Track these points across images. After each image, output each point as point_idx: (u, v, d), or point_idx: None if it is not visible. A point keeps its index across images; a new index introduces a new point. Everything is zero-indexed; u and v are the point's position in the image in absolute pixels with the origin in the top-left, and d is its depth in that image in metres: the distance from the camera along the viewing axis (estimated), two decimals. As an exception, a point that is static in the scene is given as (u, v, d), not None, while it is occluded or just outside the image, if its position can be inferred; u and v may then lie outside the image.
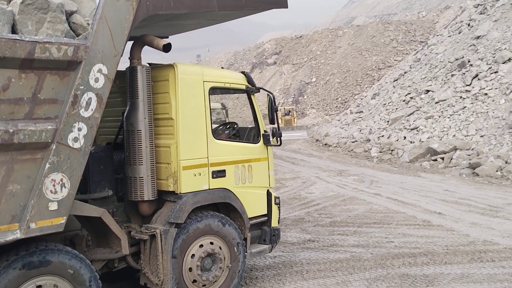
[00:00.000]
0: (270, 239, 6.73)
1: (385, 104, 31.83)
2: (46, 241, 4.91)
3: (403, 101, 28.78)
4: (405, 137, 23.33)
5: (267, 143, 6.77)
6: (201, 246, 5.87)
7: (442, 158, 18.76)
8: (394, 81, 36.22)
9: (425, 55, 35.32)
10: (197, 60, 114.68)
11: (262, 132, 6.76)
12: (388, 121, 27.52)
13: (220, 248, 6.01)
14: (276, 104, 6.63)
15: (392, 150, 22.54)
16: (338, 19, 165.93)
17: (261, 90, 6.91)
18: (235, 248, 6.15)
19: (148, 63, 6.03)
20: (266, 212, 6.73)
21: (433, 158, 19.23)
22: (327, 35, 73.97)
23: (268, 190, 6.80)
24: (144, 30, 6.84)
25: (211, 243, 5.94)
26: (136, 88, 5.59)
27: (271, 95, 6.65)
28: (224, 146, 6.33)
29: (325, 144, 30.75)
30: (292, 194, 14.35)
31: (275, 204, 6.80)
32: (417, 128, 23.39)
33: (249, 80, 6.69)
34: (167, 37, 7.94)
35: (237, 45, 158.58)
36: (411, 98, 28.03)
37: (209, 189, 6.02)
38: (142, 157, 5.55)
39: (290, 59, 73.60)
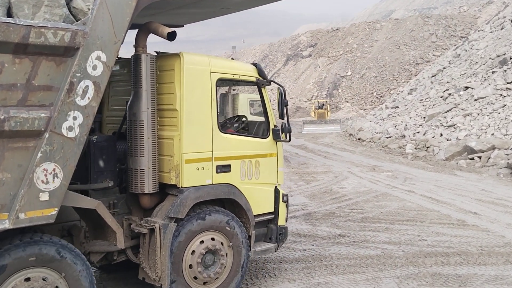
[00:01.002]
0: (276, 238, 6.52)
1: (422, 100, 31.28)
2: (43, 232, 4.85)
3: (441, 97, 28.22)
4: (441, 134, 22.90)
5: (276, 138, 6.50)
6: (202, 242, 5.71)
7: (479, 157, 18.34)
8: (432, 76, 35.56)
9: (465, 50, 34.53)
10: (232, 51, 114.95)
11: (272, 127, 6.51)
12: (424, 118, 27.04)
13: (222, 244, 5.84)
14: (286, 99, 6.46)
15: (427, 147, 22.17)
16: (376, 12, 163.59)
17: (272, 83, 6.69)
18: (238, 245, 5.98)
19: (156, 52, 5.92)
20: (273, 210, 6.52)
21: (470, 156, 18.81)
22: (364, 28, 73.04)
23: (276, 187, 6.58)
24: (157, 18, 6.69)
25: (213, 239, 5.77)
26: (139, 77, 5.43)
27: (281, 88, 6.41)
28: (231, 140, 6.12)
29: (359, 139, 30.46)
30: (323, 188, 14.28)
31: (283, 201, 6.58)
32: (454, 125, 22.91)
33: (260, 72, 6.44)
34: (183, 26, 7.96)
35: (273, 37, 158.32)
36: (449, 94, 27.46)
37: (212, 184, 5.82)
38: (144, 149, 5.41)
39: (326, 51, 73.03)
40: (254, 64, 6.52)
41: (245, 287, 6.48)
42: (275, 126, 6.50)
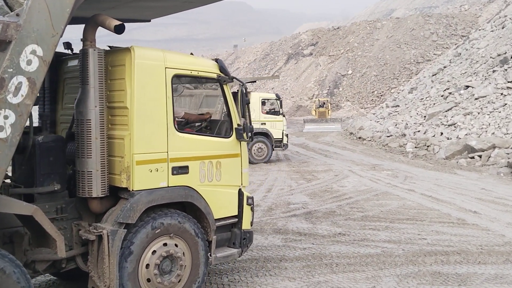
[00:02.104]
0: (240, 243, 6.14)
1: (422, 98, 31.29)
2: None
3: (442, 96, 28.23)
4: (442, 133, 22.91)
5: (240, 138, 6.13)
6: (156, 251, 5.33)
7: (480, 156, 18.34)
8: (433, 75, 35.57)
9: (466, 49, 34.53)
10: (234, 49, 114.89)
11: (235, 126, 6.13)
12: (425, 116, 27.04)
13: (180, 249, 5.48)
14: (248, 96, 6.20)
15: (428, 146, 22.18)
16: (377, 11, 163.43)
17: (241, 81, 6.30)
18: (197, 250, 5.63)
19: (109, 46, 5.59)
20: (237, 213, 6.16)
21: (470, 155, 18.82)
22: (365, 27, 73.02)
23: (240, 190, 6.22)
24: (119, 12, 6.47)
25: (168, 244, 5.40)
26: (86, 73, 5.06)
27: (243, 86, 6.11)
28: (189, 139, 5.76)
29: (359, 138, 30.48)
30: (324, 186, 14.30)
31: (247, 204, 6.21)
32: (455, 124, 22.92)
33: (222, 69, 6.08)
34: (149, 20, 7.72)
35: (274, 36, 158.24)
36: (450, 93, 27.47)
37: (167, 186, 5.45)
38: (91, 150, 5.05)
39: (327, 50, 73.02)
40: (216, 60, 6.18)
41: (245, 286, 6.50)
42: (238, 125, 6.15)
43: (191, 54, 6.28)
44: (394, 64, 62.39)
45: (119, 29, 5.00)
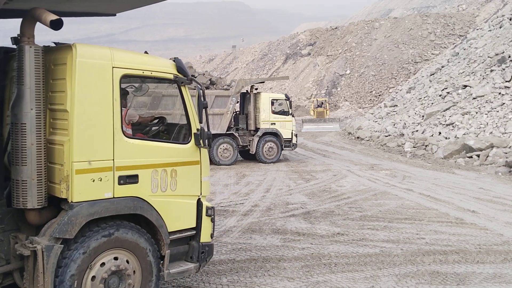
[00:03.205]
0: (198, 257, 5.65)
1: (420, 98, 31.33)
2: None
3: (440, 96, 28.27)
4: (440, 133, 22.94)
5: (199, 144, 5.67)
6: (104, 264, 4.84)
7: (478, 155, 18.37)
8: (431, 75, 35.63)
9: (464, 49, 34.58)
10: (232, 50, 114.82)
11: (194, 131, 5.67)
12: (423, 116, 27.08)
13: (128, 264, 5.02)
14: (206, 100, 5.71)
15: (426, 146, 22.21)
16: (375, 10, 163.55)
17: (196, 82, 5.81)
18: (149, 266, 5.18)
19: (54, 43, 5.15)
20: (195, 225, 5.69)
21: (468, 155, 18.85)
22: (363, 27, 73.07)
23: (199, 200, 5.75)
24: (82, 5, 6.20)
25: (117, 258, 4.93)
26: (22, 72, 4.63)
27: (200, 88, 5.64)
28: (139, 146, 5.26)
29: (358, 138, 30.51)
30: (322, 186, 14.31)
31: (206, 216, 5.74)
32: (453, 124, 22.96)
33: (180, 69, 5.62)
34: (114, 15, 7.38)
35: (272, 36, 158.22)
36: (448, 93, 27.52)
37: (113, 197, 4.94)
38: (26, 156, 4.61)
39: (325, 50, 73.04)
40: (174, 59, 5.72)
41: (244, 286, 6.50)
42: (198, 130, 5.69)
43: (145, 52, 5.88)
44: (392, 63, 62.43)
45: (55, 25, 4.65)
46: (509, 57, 25.19)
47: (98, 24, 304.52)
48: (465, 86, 26.48)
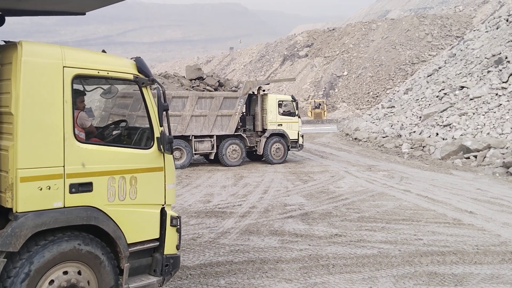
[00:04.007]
0: (162, 270, 5.24)
1: (417, 99, 31.38)
2: None
3: (437, 97, 28.32)
4: (437, 134, 22.98)
5: (168, 149, 5.28)
6: (53, 281, 4.47)
7: (475, 156, 18.41)
8: (428, 76, 35.68)
9: (461, 50, 34.65)
10: (230, 51, 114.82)
11: (157, 135, 5.25)
12: (420, 117, 27.12)
13: (82, 276, 4.66)
14: (167, 101, 5.27)
15: (423, 147, 22.25)
16: (372, 12, 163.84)
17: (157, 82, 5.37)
18: (106, 281, 4.80)
19: (4, 41, 4.87)
20: (158, 236, 5.31)
21: (465, 155, 18.89)
22: (360, 28, 73.14)
23: (162, 209, 5.34)
24: (51, 2, 6.09)
25: (70, 272, 4.57)
26: None
27: (161, 88, 5.20)
28: (94, 151, 4.85)
29: (355, 139, 30.54)
30: (320, 187, 14.31)
31: (171, 226, 5.35)
32: (450, 124, 23.00)
33: (141, 69, 5.23)
34: (84, 14, 7.14)
35: (269, 37, 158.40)
36: (445, 94, 27.57)
37: (64, 207, 4.56)
38: None
39: (322, 51, 73.09)
40: (135, 59, 5.35)
41: None
42: (161, 134, 5.27)
43: (103, 51, 5.50)
44: (390, 65, 62.51)
45: None
46: (506, 58, 25.25)
47: (95, 26, 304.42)
48: (462, 87, 26.53)
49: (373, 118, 35.47)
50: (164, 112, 5.27)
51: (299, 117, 21.37)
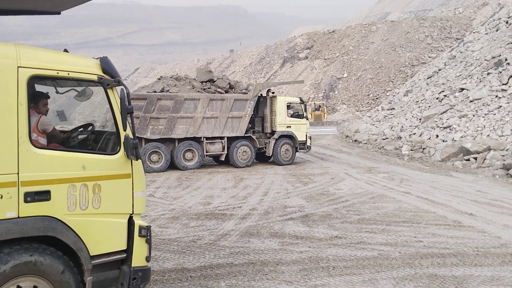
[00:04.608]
0: (129, 283, 4.94)
1: (417, 101, 31.40)
2: None
3: (437, 98, 28.34)
4: (437, 136, 22.98)
5: (133, 154, 4.91)
6: None
7: (475, 158, 18.41)
8: (428, 78, 35.70)
9: (461, 52, 34.67)
10: (230, 53, 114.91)
11: (123, 140, 4.91)
12: (420, 119, 27.14)
13: None
14: (131, 104, 4.92)
15: (423, 149, 22.26)
16: (372, 14, 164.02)
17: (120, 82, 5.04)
18: None
19: None
20: (125, 248, 4.97)
21: (465, 157, 18.89)
22: (360, 30, 73.19)
23: (131, 218, 5.00)
24: (24, 1, 6.02)
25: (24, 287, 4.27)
26: None
27: (125, 90, 4.88)
28: (53, 157, 4.52)
29: (355, 141, 30.54)
30: (320, 189, 14.31)
31: (140, 236, 4.99)
32: (450, 126, 23.00)
33: (106, 69, 4.90)
34: (59, 13, 7.08)
35: (269, 39, 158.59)
36: (445, 96, 27.59)
37: (18, 217, 4.25)
38: None
39: (322, 53, 73.15)
40: (101, 58, 5.01)
41: (242, 289, 6.50)
42: (132, 138, 4.95)
43: (65, 50, 5.19)
44: (389, 67, 62.55)
45: None
46: (506, 60, 25.27)
47: (95, 28, 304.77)
48: (462, 89, 26.56)
49: (373, 120, 35.49)
50: (129, 116, 4.98)
51: (307, 119, 21.61)
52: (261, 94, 20.88)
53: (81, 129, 5.56)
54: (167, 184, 15.44)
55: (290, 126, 20.80)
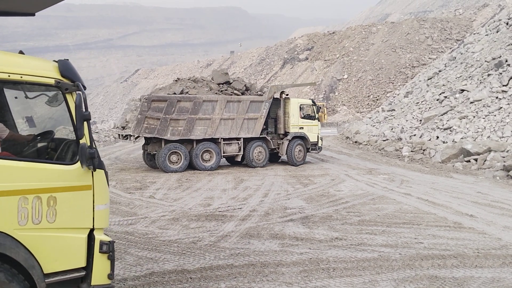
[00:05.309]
0: None
1: (418, 102, 31.39)
2: None
3: (437, 100, 28.34)
4: (437, 137, 22.98)
5: (90, 164, 4.52)
6: None
7: (476, 160, 18.41)
8: (428, 79, 35.70)
9: (461, 53, 34.68)
10: (230, 55, 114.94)
11: (79, 148, 4.53)
12: (420, 120, 27.13)
13: None
14: (88, 110, 4.52)
15: (424, 150, 22.25)
16: (372, 15, 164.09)
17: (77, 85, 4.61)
18: None
19: None
20: (85, 265, 4.60)
21: (466, 159, 18.88)
22: (361, 32, 73.21)
23: (91, 233, 4.62)
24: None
25: None
26: None
27: (81, 95, 4.49)
28: (1, 167, 4.16)
29: (355, 142, 30.53)
30: (320, 191, 14.30)
31: (101, 252, 4.61)
32: (450, 128, 23.00)
33: (65, 73, 4.54)
34: (33, 15, 6.96)
35: (269, 40, 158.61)
36: (445, 97, 27.59)
37: None
38: None
39: (322, 55, 73.15)
40: (60, 61, 4.63)
41: (243, 291, 6.49)
42: (89, 147, 4.54)
43: (20, 52, 4.86)
44: (390, 68, 62.54)
45: None
46: (506, 61, 25.28)
47: (95, 29, 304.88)
48: (463, 90, 26.56)
49: (374, 121, 35.49)
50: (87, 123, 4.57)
51: (318, 120, 22.06)
52: (272, 97, 21.15)
53: (39, 137, 5.14)
54: (167, 186, 15.43)
55: (302, 128, 21.26)
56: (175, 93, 19.54)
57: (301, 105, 21.55)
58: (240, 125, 19.68)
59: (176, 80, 22.26)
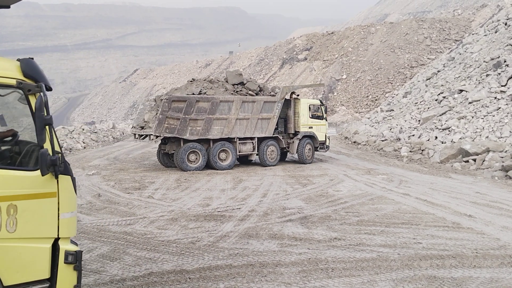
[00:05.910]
0: None
1: (416, 103, 31.43)
2: None
3: (436, 100, 28.38)
4: (436, 137, 23.00)
5: (51, 171, 4.22)
6: None
7: (474, 160, 18.42)
8: (427, 79, 35.75)
9: (460, 54, 34.72)
10: (229, 55, 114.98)
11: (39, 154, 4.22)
12: (419, 120, 27.16)
13: None
14: (49, 114, 4.17)
15: (422, 150, 22.27)
16: (371, 15, 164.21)
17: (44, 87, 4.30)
18: None
19: None
20: (49, 276, 4.33)
21: (464, 159, 18.90)
22: (359, 32, 73.30)
23: (56, 243, 4.36)
24: None
25: None
26: None
27: (43, 97, 4.17)
28: None
29: (354, 142, 30.56)
30: (319, 191, 14.30)
31: (66, 263, 4.35)
32: (449, 128, 23.03)
33: (28, 73, 4.26)
34: (8, 7, 6.67)
35: (268, 40, 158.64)
36: (444, 97, 27.63)
37: None
38: None
39: (321, 55, 73.22)
40: (23, 60, 4.33)
41: (241, 291, 6.49)
42: (56, 152, 4.27)
43: None
44: (388, 68, 62.62)
45: None
46: (505, 61, 25.31)
47: (94, 29, 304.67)
48: (461, 90, 26.60)
49: (372, 122, 35.52)
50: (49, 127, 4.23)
51: (326, 120, 22.71)
52: (286, 97, 21.47)
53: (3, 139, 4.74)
54: (166, 186, 15.43)
55: (311, 127, 21.86)
56: (193, 94, 19.74)
57: (310, 105, 22.09)
58: (254, 125, 20.10)
59: (191, 81, 22.36)
